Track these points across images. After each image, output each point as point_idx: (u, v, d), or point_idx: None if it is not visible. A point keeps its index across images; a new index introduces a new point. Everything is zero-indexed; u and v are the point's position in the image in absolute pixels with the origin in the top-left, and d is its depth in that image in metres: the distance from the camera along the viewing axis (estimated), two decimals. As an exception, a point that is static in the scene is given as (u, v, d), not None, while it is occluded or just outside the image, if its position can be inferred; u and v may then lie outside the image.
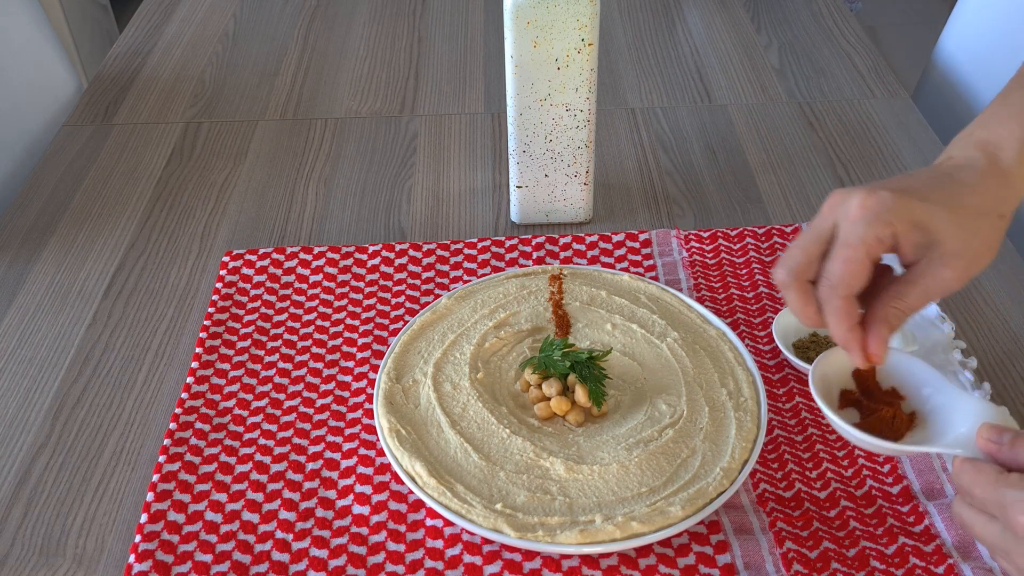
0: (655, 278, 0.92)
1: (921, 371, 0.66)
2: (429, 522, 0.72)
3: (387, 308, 0.90)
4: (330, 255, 0.95)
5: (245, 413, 0.80)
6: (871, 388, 0.67)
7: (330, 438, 0.78)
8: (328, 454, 0.77)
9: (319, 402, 0.81)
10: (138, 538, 0.71)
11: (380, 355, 0.85)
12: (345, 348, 0.86)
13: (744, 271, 0.92)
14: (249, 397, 0.82)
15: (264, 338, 0.87)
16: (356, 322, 0.89)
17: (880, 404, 0.65)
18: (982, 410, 0.60)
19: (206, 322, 0.88)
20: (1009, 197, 0.58)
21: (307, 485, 0.75)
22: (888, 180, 0.59)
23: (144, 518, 0.72)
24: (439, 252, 0.96)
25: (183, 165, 1.12)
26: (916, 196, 0.56)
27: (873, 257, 0.57)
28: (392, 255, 0.95)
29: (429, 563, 0.69)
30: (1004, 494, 0.51)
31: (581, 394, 0.74)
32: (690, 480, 0.69)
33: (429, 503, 0.69)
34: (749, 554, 0.68)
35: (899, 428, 0.64)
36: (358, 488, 0.74)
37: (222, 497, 0.74)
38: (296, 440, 0.78)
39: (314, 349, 0.86)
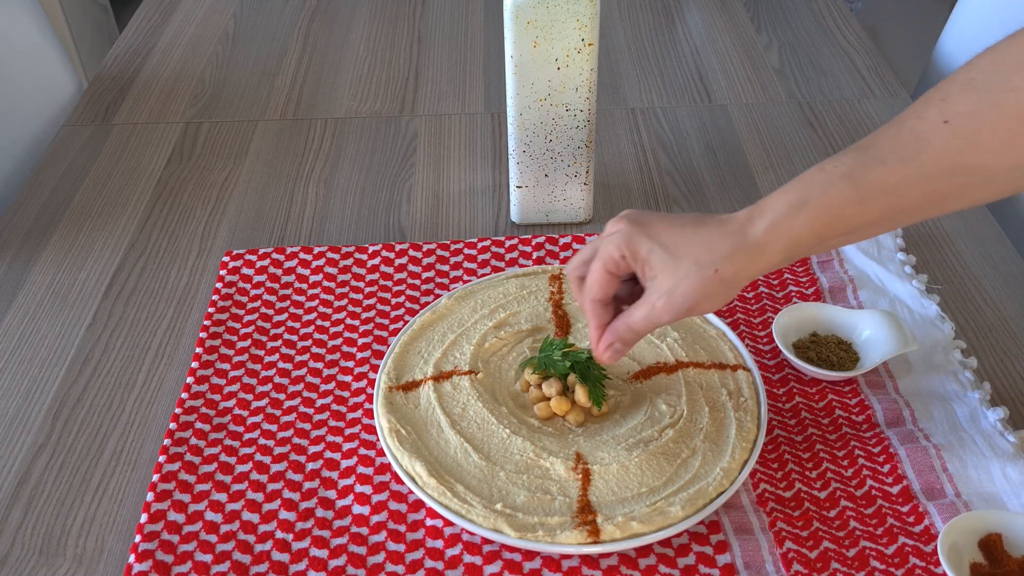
0: (655, 278, 0.92)
1: None
2: (429, 522, 0.72)
3: (387, 308, 0.90)
4: (330, 255, 0.95)
5: (245, 413, 0.80)
6: (999, 557, 0.65)
7: (330, 438, 0.78)
8: (328, 454, 0.77)
9: (319, 402, 0.81)
10: (138, 538, 0.71)
11: (380, 355, 0.85)
12: (345, 348, 0.86)
13: (744, 271, 0.92)
14: (249, 397, 0.82)
15: (264, 338, 0.87)
16: (356, 322, 0.89)
17: (1009, 568, 0.63)
18: None
19: (206, 322, 0.88)
20: (737, 259, 0.61)
21: (307, 485, 0.75)
22: (657, 214, 0.66)
23: (144, 518, 0.72)
24: (439, 252, 0.96)
25: (183, 165, 1.12)
26: (647, 233, 0.63)
27: (612, 272, 0.65)
28: (392, 255, 0.95)
29: (429, 563, 0.69)
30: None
31: (581, 394, 0.74)
32: (690, 480, 0.69)
33: (429, 503, 0.69)
34: (749, 554, 0.68)
35: None
36: (358, 488, 0.74)
37: (222, 497, 0.74)
38: (296, 440, 0.78)
39: (314, 349, 0.86)
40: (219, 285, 0.92)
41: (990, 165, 0.58)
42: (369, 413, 0.80)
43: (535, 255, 0.95)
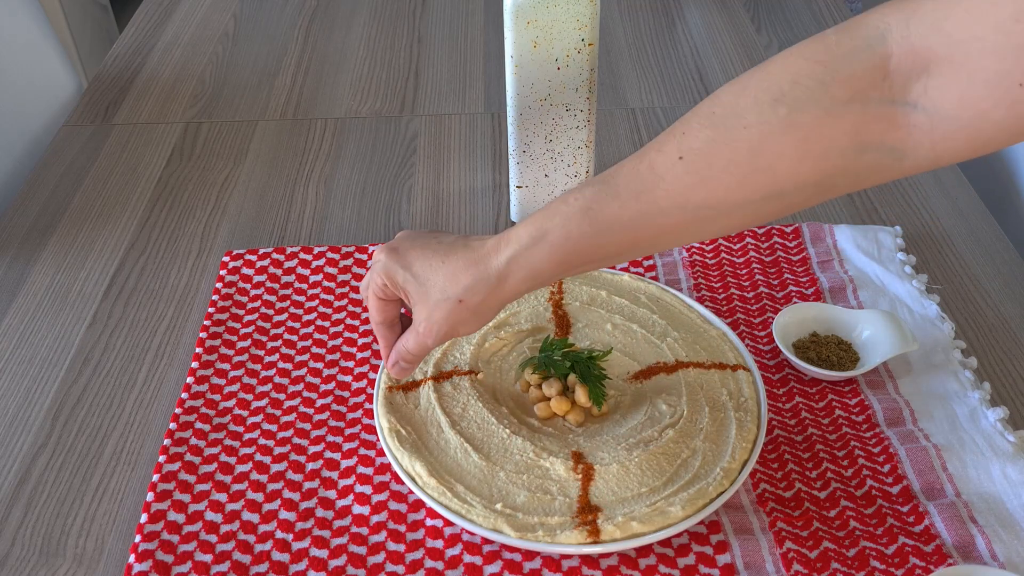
0: (655, 278, 0.92)
1: None
2: (429, 522, 0.72)
3: (387, 308, 0.90)
4: (330, 255, 0.95)
5: (245, 413, 0.80)
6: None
7: (330, 438, 0.78)
8: (328, 454, 0.77)
9: (319, 402, 0.81)
10: (138, 538, 0.71)
11: (380, 355, 0.85)
12: (345, 348, 0.86)
13: (744, 271, 0.92)
14: (249, 397, 0.82)
15: (264, 338, 0.87)
16: (356, 322, 0.89)
17: None
18: None
19: (206, 322, 0.88)
20: (479, 289, 0.64)
21: (307, 485, 0.75)
22: (421, 237, 0.68)
23: (144, 518, 0.72)
24: (439, 252, 0.96)
25: (183, 165, 1.12)
26: (403, 264, 0.66)
27: (382, 298, 0.69)
28: (392, 255, 0.95)
29: (429, 563, 0.69)
30: None
31: (581, 394, 0.74)
32: (690, 480, 0.69)
33: (429, 503, 0.69)
34: (749, 554, 0.68)
35: None
36: (358, 488, 0.74)
37: (222, 497, 0.74)
38: (296, 440, 0.78)
39: (314, 349, 0.86)
40: (219, 285, 0.92)
41: (723, 200, 0.58)
42: (369, 413, 0.80)
43: (535, 255, 0.95)
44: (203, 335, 0.87)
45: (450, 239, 0.67)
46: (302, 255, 0.96)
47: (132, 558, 0.70)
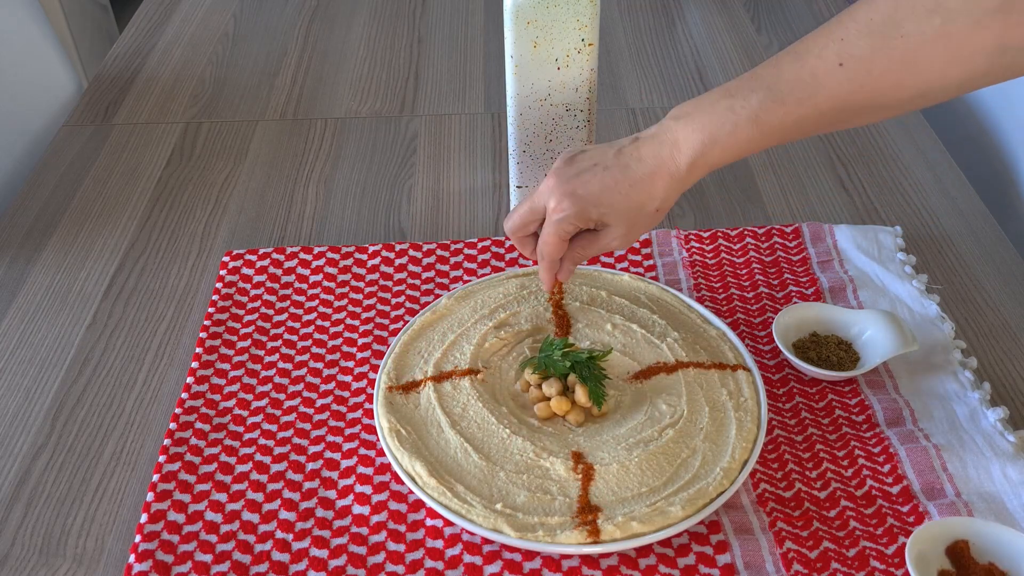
0: (655, 278, 0.92)
1: (1017, 543, 0.65)
2: (429, 522, 0.72)
3: (387, 308, 0.90)
4: (330, 255, 0.95)
5: (245, 413, 0.80)
6: (967, 563, 0.65)
7: (330, 438, 0.78)
8: (328, 454, 0.77)
9: (319, 402, 0.81)
10: (138, 538, 0.71)
11: (380, 355, 0.85)
12: (345, 348, 0.86)
13: (744, 271, 0.92)
14: (249, 397, 0.82)
15: (264, 338, 0.87)
16: (356, 322, 0.89)
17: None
18: None
19: (206, 322, 0.88)
20: (669, 196, 0.72)
21: (307, 485, 0.75)
22: (581, 172, 0.73)
23: (144, 518, 0.72)
24: (439, 252, 0.96)
25: (183, 165, 1.12)
26: (593, 202, 0.72)
27: (564, 239, 0.75)
28: (392, 255, 0.95)
29: (429, 563, 0.69)
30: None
31: (581, 394, 0.74)
32: (690, 480, 0.69)
33: (429, 503, 0.69)
34: (749, 554, 0.68)
35: None
36: (358, 488, 0.74)
37: (222, 497, 0.74)
38: (296, 440, 0.78)
39: (314, 349, 0.86)
40: (219, 285, 0.92)
41: (876, 102, 0.65)
42: (369, 413, 0.80)
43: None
44: (203, 335, 0.87)
45: (607, 159, 0.73)
46: (302, 255, 0.96)
47: (132, 558, 0.70)
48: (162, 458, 0.76)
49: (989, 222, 0.98)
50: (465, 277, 0.93)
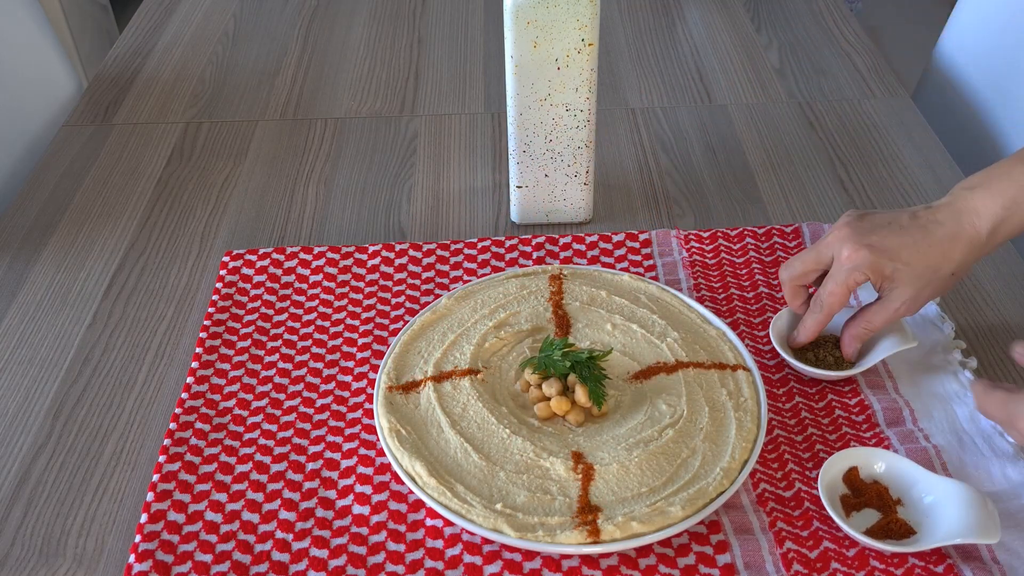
0: (655, 278, 0.92)
1: (890, 459, 0.72)
2: (429, 522, 0.72)
3: (387, 308, 0.90)
4: (330, 255, 0.96)
5: (245, 413, 0.80)
6: (859, 487, 0.72)
7: (330, 438, 0.78)
8: (328, 454, 0.77)
9: (319, 402, 0.81)
10: (138, 538, 0.71)
11: (380, 355, 0.85)
12: (345, 348, 0.86)
13: (744, 271, 0.92)
14: (249, 397, 0.82)
15: (264, 338, 0.87)
16: (356, 322, 0.89)
17: (867, 495, 0.71)
18: (961, 491, 0.68)
19: (206, 322, 0.88)
20: (967, 261, 0.73)
21: (307, 485, 0.75)
22: (876, 227, 0.74)
23: (144, 518, 0.72)
24: (439, 252, 0.96)
25: (183, 165, 1.12)
26: (890, 256, 0.73)
27: (851, 290, 0.75)
28: (392, 255, 0.95)
29: (429, 563, 0.69)
30: (1011, 410, 0.67)
31: (581, 394, 0.74)
32: (690, 480, 0.69)
33: (429, 503, 0.69)
34: (749, 554, 0.68)
35: (901, 529, 0.69)
36: (358, 488, 0.74)
37: (222, 497, 0.74)
38: (296, 440, 0.78)
39: (314, 349, 0.86)
40: (219, 285, 0.92)
41: None
42: (369, 413, 0.80)
43: (535, 255, 0.95)
44: (203, 335, 0.87)
45: (902, 220, 0.74)
46: (302, 255, 0.96)
47: (132, 558, 0.70)
48: (162, 458, 0.76)
49: (989, 222, 0.98)
50: (465, 277, 0.93)
